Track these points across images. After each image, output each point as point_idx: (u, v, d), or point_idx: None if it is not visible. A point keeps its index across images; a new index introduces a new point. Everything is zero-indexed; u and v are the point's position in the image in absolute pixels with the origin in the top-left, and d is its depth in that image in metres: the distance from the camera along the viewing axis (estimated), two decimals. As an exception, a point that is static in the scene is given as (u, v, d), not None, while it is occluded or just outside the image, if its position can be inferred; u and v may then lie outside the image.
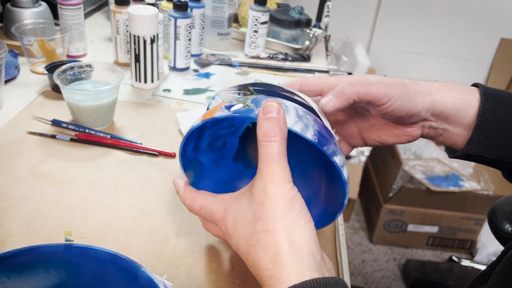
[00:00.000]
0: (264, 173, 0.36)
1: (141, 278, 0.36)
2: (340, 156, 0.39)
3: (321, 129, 0.39)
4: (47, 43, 0.85)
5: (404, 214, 1.69)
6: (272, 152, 0.35)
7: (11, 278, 0.37)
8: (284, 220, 0.34)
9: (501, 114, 0.44)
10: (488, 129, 0.44)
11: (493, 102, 0.44)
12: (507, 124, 0.44)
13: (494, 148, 0.45)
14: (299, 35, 1.10)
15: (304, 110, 0.41)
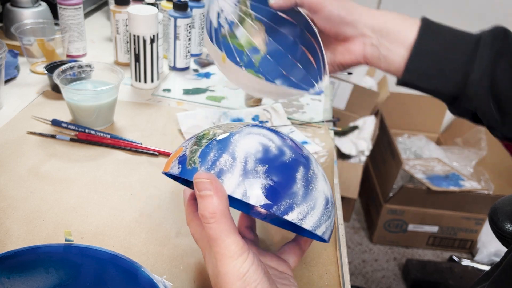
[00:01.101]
0: (213, 252, 0.34)
1: (141, 278, 0.36)
2: (302, 206, 0.35)
3: (278, 175, 0.35)
4: (47, 43, 0.85)
5: (405, 214, 1.69)
6: (213, 233, 0.33)
7: (11, 278, 0.37)
8: None
9: (437, 46, 0.45)
10: (423, 60, 0.46)
11: (431, 33, 0.46)
12: (441, 55, 0.45)
13: (428, 78, 0.46)
14: (299, 34, 1.10)
15: (255, 157, 0.36)
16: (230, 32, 0.58)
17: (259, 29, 0.59)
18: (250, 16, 0.58)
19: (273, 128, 0.40)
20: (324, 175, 0.40)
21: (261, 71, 0.58)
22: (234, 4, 0.58)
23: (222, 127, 0.40)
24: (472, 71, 0.44)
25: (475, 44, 0.44)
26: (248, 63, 0.58)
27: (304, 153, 0.39)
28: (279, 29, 0.58)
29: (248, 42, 0.59)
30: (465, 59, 0.44)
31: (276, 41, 0.58)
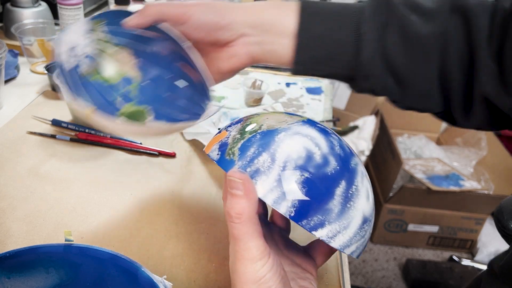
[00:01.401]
0: (232, 250, 0.34)
1: (141, 278, 0.36)
2: (334, 224, 0.33)
3: (316, 187, 0.33)
4: (47, 43, 0.85)
5: (405, 214, 1.69)
6: (237, 233, 0.32)
7: (11, 278, 0.37)
8: None
9: (319, 28, 0.42)
10: (309, 48, 0.43)
11: (311, 20, 0.43)
12: (324, 40, 0.42)
13: (319, 66, 0.44)
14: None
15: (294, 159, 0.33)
16: (92, 68, 0.51)
17: (124, 55, 0.52)
18: (109, 43, 0.51)
19: (326, 129, 0.36)
20: (369, 190, 0.36)
21: (142, 101, 0.51)
22: (86, 35, 0.50)
23: (272, 117, 0.37)
24: (361, 49, 0.41)
25: (357, 20, 0.42)
26: (123, 97, 0.51)
27: (352, 164, 0.35)
28: (148, 50, 0.51)
29: (117, 73, 0.52)
30: (351, 39, 0.42)
31: (149, 63, 0.52)
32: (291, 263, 0.39)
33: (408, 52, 0.41)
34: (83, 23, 0.49)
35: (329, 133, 0.36)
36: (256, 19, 0.44)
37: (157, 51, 0.50)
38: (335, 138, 0.36)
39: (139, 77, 0.52)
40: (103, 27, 0.50)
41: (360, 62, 0.42)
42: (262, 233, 0.33)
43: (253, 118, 0.37)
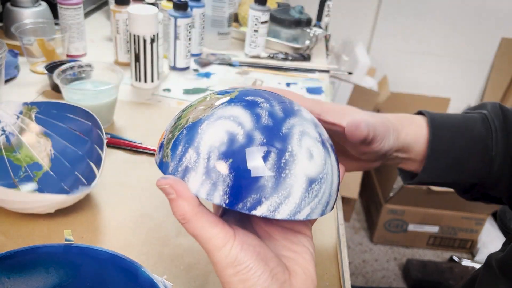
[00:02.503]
0: (200, 245, 0.35)
1: (141, 278, 0.36)
2: (272, 198, 0.32)
3: (242, 169, 0.32)
4: (47, 43, 0.85)
5: (405, 214, 1.69)
6: (191, 232, 0.33)
7: (11, 278, 0.37)
8: (233, 286, 0.33)
9: (448, 141, 0.46)
10: (439, 157, 0.46)
11: (441, 128, 0.46)
12: (454, 149, 0.45)
13: (446, 173, 0.46)
14: (299, 34, 1.10)
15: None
16: (7, 145, 0.56)
17: (44, 144, 0.57)
18: (35, 130, 0.57)
19: (254, 100, 0.35)
20: (314, 147, 0.34)
21: (39, 188, 0.56)
22: (15, 115, 0.56)
23: (201, 105, 0.36)
24: (494, 159, 0.44)
25: (485, 129, 0.45)
26: (24, 179, 0.56)
27: (284, 130, 0.33)
28: (68, 145, 0.57)
29: (29, 157, 0.57)
30: (481, 147, 0.45)
31: (64, 157, 0.57)
32: (281, 229, 0.38)
33: None
34: (18, 105, 0.57)
35: (258, 104, 0.35)
36: (402, 144, 0.47)
37: (75, 148, 0.57)
38: (264, 108, 0.34)
39: (49, 166, 0.58)
40: (34, 114, 0.57)
41: (489, 171, 0.45)
42: (217, 221, 0.33)
43: (184, 112, 0.37)
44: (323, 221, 0.57)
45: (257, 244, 0.35)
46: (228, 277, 0.33)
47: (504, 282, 0.41)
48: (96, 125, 0.56)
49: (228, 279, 0.33)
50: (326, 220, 0.57)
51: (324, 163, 0.35)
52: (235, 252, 0.33)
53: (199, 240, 0.33)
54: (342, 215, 0.59)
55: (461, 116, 0.47)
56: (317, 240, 0.54)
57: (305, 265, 0.36)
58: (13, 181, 0.55)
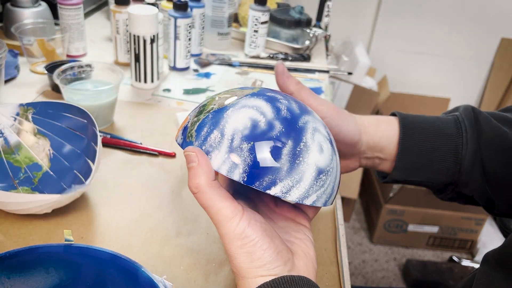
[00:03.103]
0: (211, 219, 0.37)
1: (141, 278, 0.36)
2: (286, 180, 0.36)
3: (262, 151, 0.36)
4: (47, 43, 0.85)
5: (405, 214, 1.69)
6: (202, 203, 0.36)
7: (11, 278, 0.37)
8: (240, 260, 0.36)
9: (419, 140, 0.47)
10: (410, 155, 0.47)
11: (411, 128, 0.48)
12: (426, 148, 0.47)
13: (417, 171, 0.48)
14: (299, 35, 1.10)
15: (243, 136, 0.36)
16: (6, 148, 0.57)
17: (43, 144, 0.58)
18: (32, 131, 0.58)
19: (275, 95, 0.39)
20: (324, 143, 0.38)
21: (39, 188, 0.56)
22: (12, 117, 0.57)
23: (224, 96, 0.40)
24: (464, 158, 0.45)
25: (456, 129, 0.47)
26: (24, 180, 0.56)
27: (300, 123, 0.38)
28: (65, 143, 0.58)
29: (29, 158, 0.58)
30: (452, 147, 0.46)
31: (62, 156, 0.58)
32: (284, 219, 0.42)
33: (504, 161, 0.45)
34: (14, 106, 0.57)
35: (277, 99, 0.39)
36: (373, 140, 0.49)
37: (72, 146, 0.58)
38: (283, 103, 0.38)
39: (48, 166, 0.58)
40: (30, 115, 0.57)
41: (462, 169, 0.46)
42: (228, 196, 0.36)
43: (208, 101, 0.40)
44: (323, 221, 0.57)
45: (263, 222, 0.37)
46: (235, 248, 0.35)
47: (499, 276, 0.42)
48: (91, 122, 0.56)
49: (235, 251, 0.35)
50: (326, 220, 0.57)
51: (331, 158, 0.39)
52: (243, 226, 0.35)
53: (209, 211, 0.36)
54: (342, 215, 0.59)
55: (434, 117, 0.49)
56: (317, 240, 0.54)
57: (307, 249, 0.39)
58: (13, 183, 0.55)
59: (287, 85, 0.46)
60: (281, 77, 0.47)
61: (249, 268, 0.35)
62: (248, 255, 0.35)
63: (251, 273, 0.35)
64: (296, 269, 0.37)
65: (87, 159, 0.56)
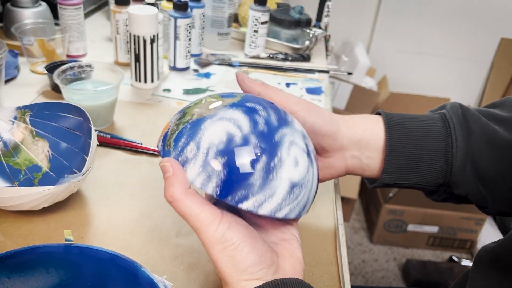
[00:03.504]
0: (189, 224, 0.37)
1: (141, 278, 0.36)
2: (258, 195, 0.36)
3: (235, 167, 0.36)
4: (47, 43, 0.85)
5: (404, 214, 1.69)
6: (179, 211, 0.36)
7: (11, 278, 0.37)
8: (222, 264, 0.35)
9: (407, 141, 0.44)
10: (398, 158, 0.45)
11: (398, 129, 0.45)
12: (414, 149, 0.44)
13: (408, 174, 0.45)
14: (299, 35, 1.10)
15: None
16: (6, 151, 0.57)
17: (41, 146, 0.59)
18: (31, 133, 0.58)
19: (255, 107, 0.38)
20: (300, 156, 0.38)
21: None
22: (10, 120, 0.58)
23: (205, 105, 0.39)
24: (454, 157, 0.44)
25: (444, 128, 0.44)
26: (24, 181, 0.57)
27: (276, 138, 0.37)
28: (63, 143, 0.58)
29: (28, 160, 0.58)
30: (442, 147, 0.44)
31: (61, 156, 0.58)
32: (271, 220, 0.41)
33: (496, 159, 0.44)
34: (11, 110, 0.58)
35: (257, 111, 0.38)
36: (356, 134, 0.45)
37: (70, 145, 0.58)
38: (262, 116, 0.38)
39: (48, 167, 0.58)
40: (28, 117, 0.58)
41: (453, 170, 0.44)
42: (205, 202, 0.36)
43: (188, 108, 0.40)
44: (323, 221, 0.57)
45: (244, 225, 0.37)
46: (217, 253, 0.35)
47: (495, 277, 0.41)
48: (86, 119, 0.57)
49: (216, 255, 0.35)
50: (326, 220, 0.57)
51: (307, 171, 0.39)
52: (223, 229, 0.35)
53: (188, 218, 0.36)
54: (341, 215, 0.60)
55: (420, 116, 0.46)
56: (317, 240, 0.54)
57: (293, 250, 0.39)
58: (13, 184, 0.56)
59: (252, 88, 0.45)
60: (243, 84, 0.45)
61: (232, 273, 0.35)
62: (229, 259, 0.35)
63: (234, 277, 0.35)
64: (282, 271, 0.37)
65: (85, 156, 0.57)
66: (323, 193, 0.62)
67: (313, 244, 0.53)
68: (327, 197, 0.61)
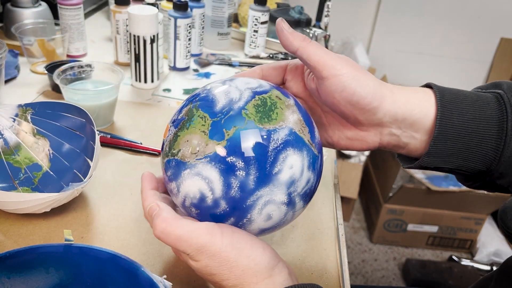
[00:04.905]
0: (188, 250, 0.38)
1: (141, 278, 0.37)
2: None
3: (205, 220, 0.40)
4: (47, 43, 0.85)
5: (404, 214, 1.69)
6: (173, 239, 0.37)
7: (11, 278, 0.37)
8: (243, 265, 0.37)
9: (459, 122, 0.40)
10: (446, 141, 0.40)
11: (451, 108, 0.40)
12: (464, 132, 0.39)
13: (452, 158, 0.41)
14: (299, 34, 1.10)
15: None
16: (6, 149, 0.57)
17: (42, 144, 0.58)
18: (32, 131, 0.58)
19: (234, 164, 0.37)
20: (277, 209, 0.39)
21: (39, 188, 0.57)
22: (11, 118, 0.57)
23: (193, 140, 0.38)
24: (507, 145, 0.39)
25: (499, 111, 0.39)
26: (24, 180, 0.57)
27: (248, 202, 0.37)
28: (64, 143, 0.58)
29: (29, 159, 0.58)
30: (494, 132, 0.39)
31: (61, 155, 0.58)
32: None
33: None
34: (13, 107, 0.58)
35: (235, 170, 0.37)
36: (401, 111, 0.40)
37: (72, 146, 0.58)
38: (239, 176, 0.37)
39: (48, 166, 0.58)
40: (29, 115, 0.58)
41: (500, 159, 0.39)
42: (196, 220, 0.38)
43: (181, 132, 0.39)
44: (323, 220, 0.57)
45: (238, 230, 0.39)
46: (234, 256, 0.37)
47: None
48: (89, 120, 0.56)
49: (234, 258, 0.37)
50: (326, 220, 0.57)
51: (283, 217, 0.40)
52: (229, 234, 0.38)
53: (187, 240, 0.37)
54: (341, 215, 0.60)
55: (474, 94, 0.41)
56: (317, 240, 0.54)
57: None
58: (13, 183, 0.56)
59: (291, 42, 0.39)
60: (282, 35, 0.40)
61: (256, 272, 0.36)
62: (249, 260, 0.36)
63: (259, 276, 0.36)
64: (289, 267, 0.39)
65: (86, 158, 0.56)
66: (323, 193, 0.62)
67: (313, 244, 0.53)
68: (327, 197, 0.61)
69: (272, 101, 0.39)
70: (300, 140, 0.39)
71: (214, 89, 0.41)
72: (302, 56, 0.39)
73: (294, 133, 0.38)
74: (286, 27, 0.40)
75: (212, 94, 0.41)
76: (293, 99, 0.41)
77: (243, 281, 0.36)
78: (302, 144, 0.39)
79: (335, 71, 0.38)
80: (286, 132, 0.38)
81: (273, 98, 0.39)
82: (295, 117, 0.39)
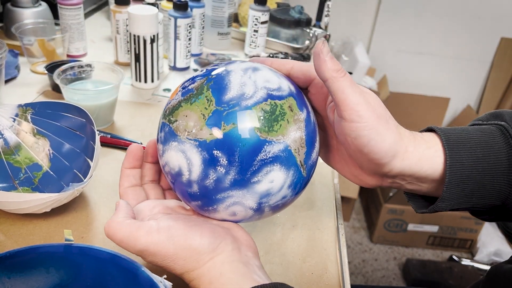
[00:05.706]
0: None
1: (141, 278, 0.36)
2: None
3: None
4: (47, 43, 0.85)
5: (404, 214, 1.69)
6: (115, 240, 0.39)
7: (11, 278, 0.37)
8: (183, 255, 0.38)
9: (468, 164, 0.39)
10: (459, 183, 0.39)
11: (458, 150, 0.39)
12: (475, 172, 0.39)
13: (467, 200, 0.40)
14: (299, 34, 1.10)
15: None
16: (6, 149, 0.57)
17: (42, 144, 0.58)
18: (32, 131, 0.58)
19: (215, 157, 0.37)
20: (243, 212, 0.40)
21: (39, 188, 0.56)
22: (11, 118, 0.57)
23: (189, 117, 0.38)
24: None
25: (506, 145, 0.39)
26: (24, 180, 0.57)
27: (218, 196, 0.39)
28: (65, 143, 0.58)
29: (29, 159, 0.58)
30: (504, 167, 0.39)
31: (61, 155, 0.58)
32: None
33: None
34: (13, 107, 0.58)
35: (215, 165, 0.37)
36: (409, 169, 0.39)
37: (72, 146, 0.58)
38: (218, 171, 0.37)
39: (48, 166, 0.58)
40: (29, 115, 0.58)
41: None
42: (134, 221, 0.39)
43: (184, 104, 0.39)
44: (323, 220, 0.57)
45: (182, 218, 0.40)
46: (173, 250, 0.38)
47: None
48: (89, 120, 0.56)
49: (173, 252, 0.38)
50: (326, 219, 0.57)
51: (248, 218, 0.42)
52: (165, 227, 0.39)
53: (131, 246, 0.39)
54: (341, 214, 0.60)
55: (478, 130, 0.40)
56: (317, 239, 0.54)
57: (238, 227, 0.43)
58: (13, 183, 0.56)
59: (323, 70, 0.37)
60: (318, 59, 0.38)
61: (197, 257, 0.38)
62: (187, 250, 0.38)
63: (200, 261, 0.38)
64: (239, 240, 0.40)
65: (86, 158, 0.56)
66: (323, 192, 0.62)
67: (313, 243, 0.53)
68: (327, 197, 0.61)
69: (282, 110, 0.38)
70: (292, 159, 0.38)
71: (232, 74, 0.39)
72: (329, 88, 0.38)
73: (289, 151, 0.38)
74: (325, 51, 0.37)
75: (229, 79, 0.38)
76: (305, 113, 0.40)
77: (187, 269, 0.38)
78: (292, 163, 0.38)
79: (356, 117, 0.37)
80: (281, 147, 0.37)
81: (284, 108, 0.38)
82: (297, 134, 0.38)
